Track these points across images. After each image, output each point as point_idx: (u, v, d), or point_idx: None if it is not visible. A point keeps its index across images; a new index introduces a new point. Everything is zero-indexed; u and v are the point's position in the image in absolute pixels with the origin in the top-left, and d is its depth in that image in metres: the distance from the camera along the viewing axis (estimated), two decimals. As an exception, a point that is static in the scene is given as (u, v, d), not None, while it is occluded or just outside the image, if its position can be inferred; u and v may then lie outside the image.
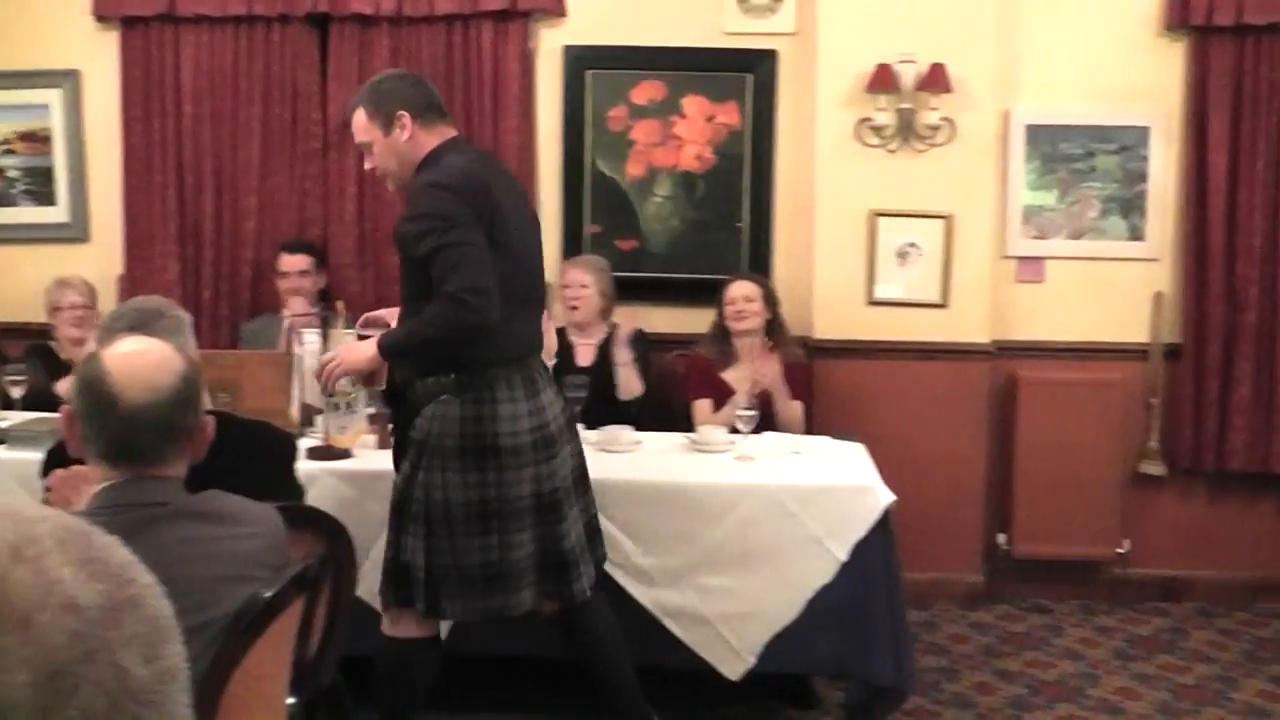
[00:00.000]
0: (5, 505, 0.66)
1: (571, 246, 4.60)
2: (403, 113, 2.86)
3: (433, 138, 2.89)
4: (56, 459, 2.31)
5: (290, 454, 2.75)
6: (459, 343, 2.74)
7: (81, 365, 1.91)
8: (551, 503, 2.87)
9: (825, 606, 3.26)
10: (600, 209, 4.62)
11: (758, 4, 4.60)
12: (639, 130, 4.60)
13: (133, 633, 0.63)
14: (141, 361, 1.89)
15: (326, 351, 3.29)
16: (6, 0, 4.80)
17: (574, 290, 4.17)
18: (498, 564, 2.79)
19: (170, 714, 0.64)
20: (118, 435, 1.83)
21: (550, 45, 4.65)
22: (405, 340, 2.83)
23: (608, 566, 3.21)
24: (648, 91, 4.60)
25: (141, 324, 2.42)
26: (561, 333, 4.09)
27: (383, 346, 2.83)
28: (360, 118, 2.91)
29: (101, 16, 4.74)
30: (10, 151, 4.93)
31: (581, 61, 4.61)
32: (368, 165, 3.03)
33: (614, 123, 4.62)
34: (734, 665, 3.32)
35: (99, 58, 4.79)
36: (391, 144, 2.88)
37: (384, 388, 3.04)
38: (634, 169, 4.60)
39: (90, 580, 0.62)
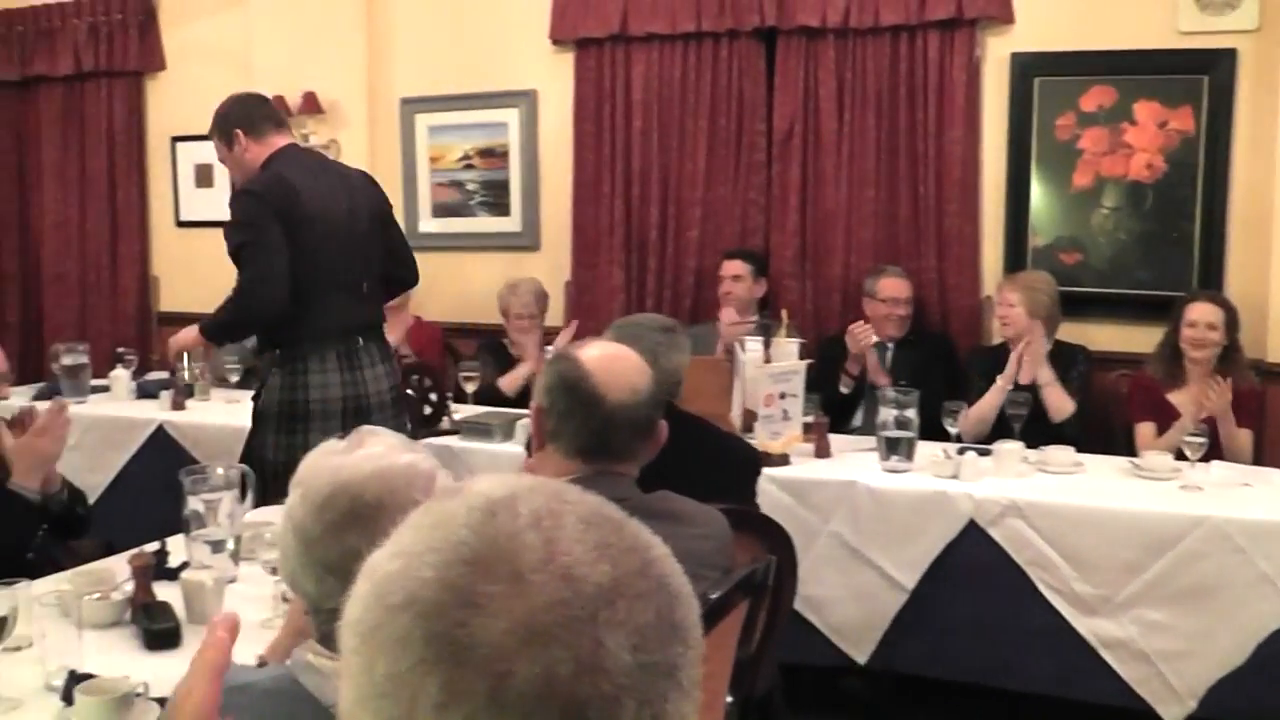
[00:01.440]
0: (551, 484, 0.97)
1: (1014, 259, 5.96)
2: (238, 130, 4.44)
3: (265, 149, 4.45)
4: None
5: (755, 470, 3.73)
6: (251, 324, 4.49)
7: (554, 365, 2.64)
8: None
9: (1276, 653, 3.89)
10: (1044, 221, 5.94)
11: (1216, 0, 5.69)
12: (1087, 138, 5.87)
13: (629, 619, 0.87)
14: (621, 365, 2.59)
15: (769, 360, 4.77)
16: (477, 30, 6.84)
17: (1003, 309, 5.44)
18: None
19: (656, 711, 0.87)
20: (597, 431, 2.52)
21: (996, 53, 6.02)
22: (213, 322, 4.46)
23: (1043, 589, 4.23)
24: (1097, 98, 5.85)
25: (673, 326, 3.65)
26: (1002, 348, 5.41)
27: (201, 327, 4.46)
28: (213, 140, 4.56)
29: (557, 40, 6.65)
30: (470, 166, 6.93)
31: (1029, 69, 5.95)
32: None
33: (1061, 131, 5.90)
34: (1173, 708, 4.04)
35: (554, 77, 6.75)
36: (234, 158, 4.50)
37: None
38: (1081, 179, 5.88)
39: (599, 561, 0.89)
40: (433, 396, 5.34)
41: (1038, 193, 5.94)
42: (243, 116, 4.49)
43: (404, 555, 0.90)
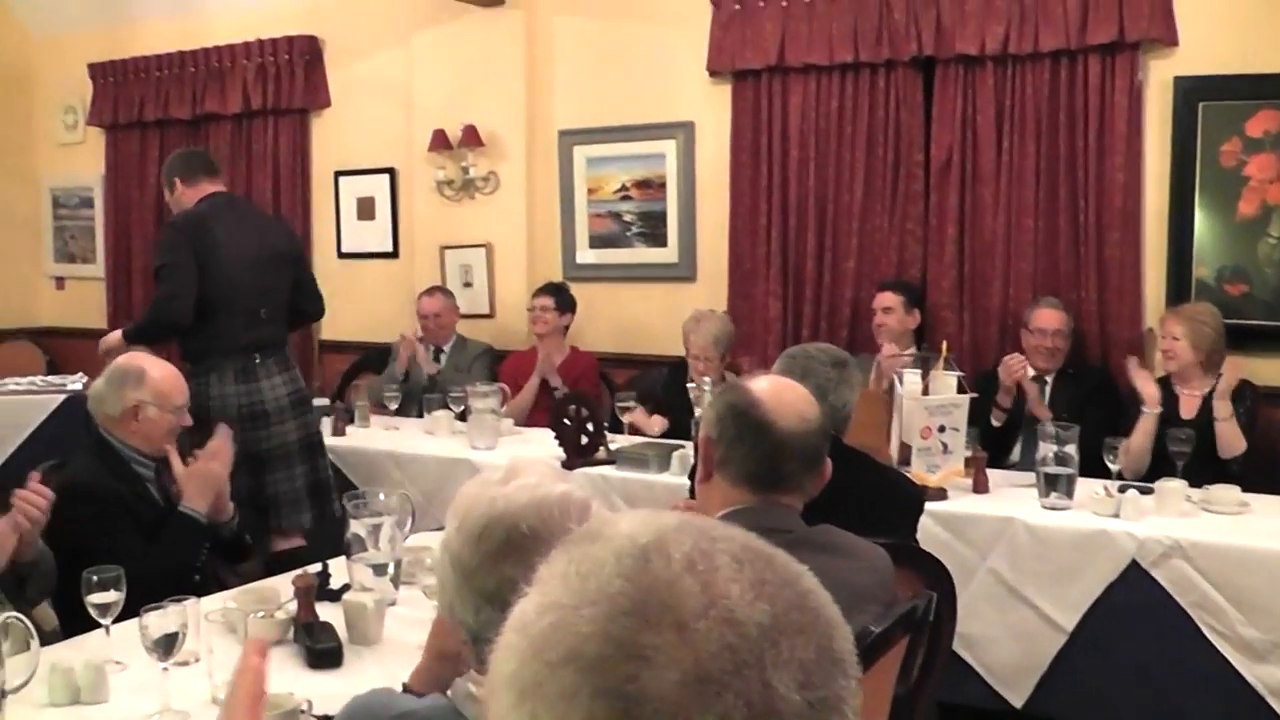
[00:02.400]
0: (695, 521, 0.96)
1: (1177, 290, 5.82)
2: (175, 178, 5.48)
3: (196, 193, 5.41)
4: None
5: (918, 509, 3.68)
6: (161, 331, 5.45)
7: (723, 396, 2.70)
8: (263, 460, 5.27)
9: None
10: (1208, 251, 5.81)
11: (1391, 21, 5.55)
12: (1254, 165, 5.72)
13: (792, 657, 0.87)
14: (791, 394, 2.64)
15: (928, 393, 4.74)
16: (635, 62, 6.92)
17: (1167, 342, 5.31)
18: None
19: None
20: (767, 457, 2.54)
21: (1159, 77, 5.90)
22: (133, 327, 5.50)
23: (1208, 633, 4.14)
24: (1263, 123, 5.70)
25: (843, 361, 3.64)
26: (1165, 382, 5.31)
27: (124, 331, 5.46)
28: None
29: (715, 71, 6.67)
30: (627, 197, 6.96)
31: (1193, 93, 5.82)
32: None
33: (1226, 157, 5.77)
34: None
35: (711, 109, 6.79)
36: (173, 199, 5.51)
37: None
38: (1246, 207, 5.74)
39: (758, 600, 0.88)
40: (589, 426, 5.39)
41: (1201, 221, 5.80)
42: (181, 167, 5.53)
43: (557, 608, 0.90)
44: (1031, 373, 5.57)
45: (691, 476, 3.86)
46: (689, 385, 5.73)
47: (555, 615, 0.89)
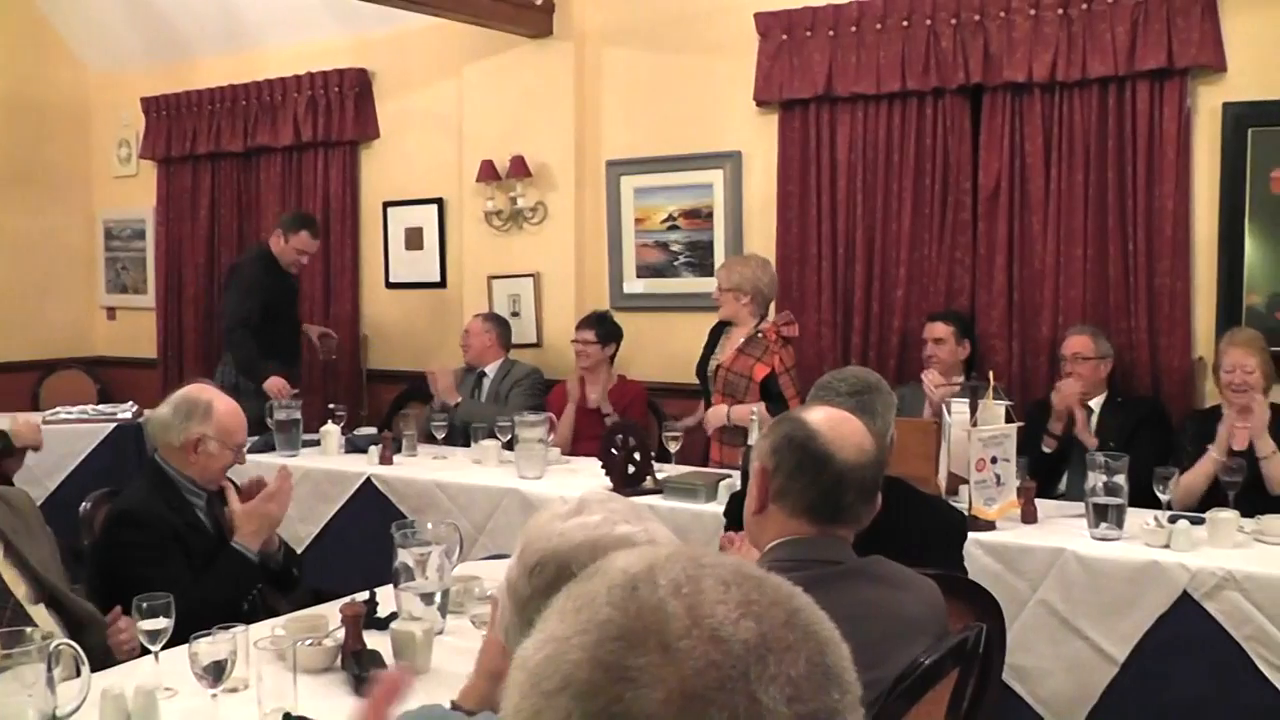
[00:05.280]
0: (687, 551, 1.00)
1: (1228, 319, 5.77)
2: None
3: None
4: (733, 512, 3.68)
5: (962, 536, 3.74)
6: None
7: (780, 427, 2.65)
8: None
9: None
10: (1259, 278, 5.76)
11: None
12: (1303, 191, 5.68)
13: (780, 672, 0.89)
14: (848, 426, 2.62)
15: (976, 423, 4.70)
16: (682, 93, 6.99)
17: (1240, 375, 5.11)
18: None
19: None
20: (828, 490, 2.53)
21: (1208, 103, 5.88)
22: None
23: (1262, 666, 4.01)
24: (1315, 149, 5.66)
25: (865, 389, 3.53)
26: (1216, 411, 5.23)
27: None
28: None
29: (762, 101, 6.69)
30: (675, 227, 7.00)
31: (1242, 119, 5.78)
32: None
33: (1277, 184, 5.72)
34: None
35: (759, 139, 6.82)
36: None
37: None
38: (1298, 233, 5.68)
39: (744, 619, 0.91)
40: (637, 455, 5.38)
41: (1252, 248, 5.76)
42: None
43: (553, 641, 0.94)
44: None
45: (730, 509, 3.88)
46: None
47: (551, 648, 0.94)
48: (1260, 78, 5.71)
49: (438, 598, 3.46)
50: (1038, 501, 4.84)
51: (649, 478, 5.37)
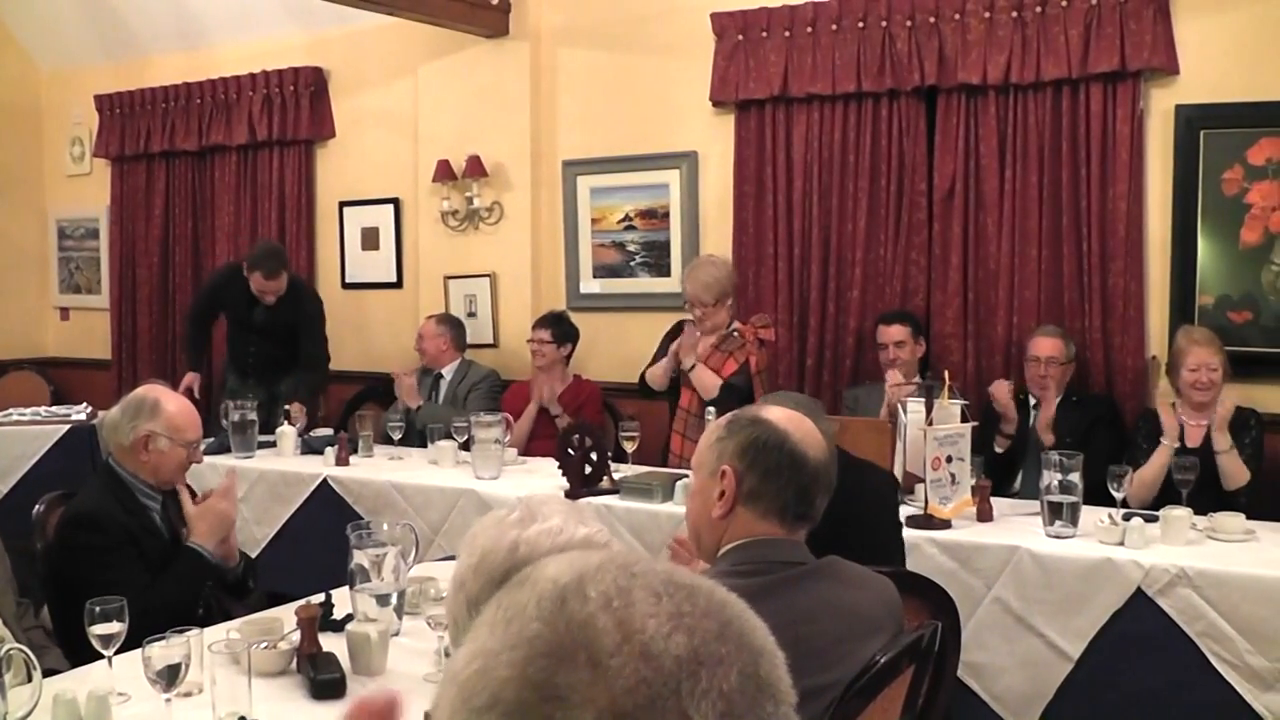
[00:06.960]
0: (619, 559, 0.98)
1: (1180, 318, 5.79)
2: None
3: None
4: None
5: (894, 493, 4.06)
6: None
7: (747, 429, 2.57)
8: None
9: None
10: (1211, 278, 5.81)
11: (1391, 49, 5.55)
12: (1256, 193, 5.71)
13: (712, 686, 0.88)
14: (807, 424, 2.61)
15: (932, 422, 4.72)
16: (638, 93, 7.00)
17: (1204, 374, 5.15)
18: None
19: None
20: (803, 490, 2.52)
21: (1160, 106, 5.91)
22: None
23: (1215, 662, 4.06)
24: (1266, 150, 5.69)
25: (805, 400, 3.70)
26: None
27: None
28: None
29: (718, 101, 6.70)
30: (631, 227, 6.99)
31: (1195, 121, 5.82)
32: None
33: (1228, 185, 5.77)
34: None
35: (715, 139, 6.83)
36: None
37: None
38: (1249, 235, 5.73)
39: (675, 633, 0.90)
40: (593, 455, 5.37)
41: (1204, 249, 5.80)
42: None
43: (482, 654, 0.93)
44: (1033, 400, 5.61)
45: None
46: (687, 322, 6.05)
47: (480, 662, 0.92)
48: (1212, 80, 5.76)
49: (393, 599, 3.44)
50: (993, 500, 4.87)
51: (605, 478, 5.36)
